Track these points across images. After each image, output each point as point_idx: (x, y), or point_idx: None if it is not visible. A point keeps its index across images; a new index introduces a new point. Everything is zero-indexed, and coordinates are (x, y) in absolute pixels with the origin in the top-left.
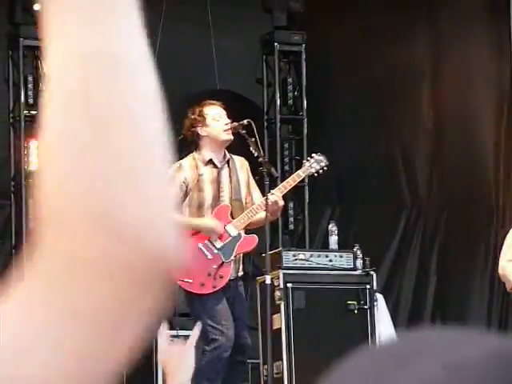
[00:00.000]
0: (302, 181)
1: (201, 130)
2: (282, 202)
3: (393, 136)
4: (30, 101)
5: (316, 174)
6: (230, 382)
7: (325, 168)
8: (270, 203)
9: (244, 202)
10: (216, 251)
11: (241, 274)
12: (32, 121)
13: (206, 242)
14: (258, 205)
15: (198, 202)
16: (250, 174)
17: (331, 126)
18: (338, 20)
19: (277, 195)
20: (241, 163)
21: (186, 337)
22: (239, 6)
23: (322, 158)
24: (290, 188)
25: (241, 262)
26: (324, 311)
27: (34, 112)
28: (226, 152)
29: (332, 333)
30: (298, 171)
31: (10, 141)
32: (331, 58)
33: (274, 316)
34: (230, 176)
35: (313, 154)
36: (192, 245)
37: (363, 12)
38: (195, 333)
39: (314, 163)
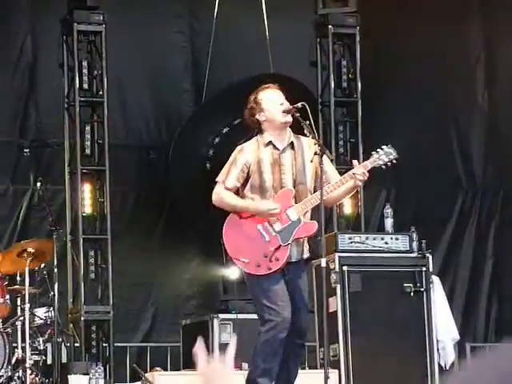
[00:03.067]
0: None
1: (259, 116)
2: (366, 175)
3: (447, 119)
4: (85, 86)
5: (384, 167)
6: (288, 364)
7: (394, 161)
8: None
9: (310, 185)
10: (274, 234)
11: (306, 255)
12: (86, 105)
13: (266, 223)
14: (318, 192)
15: (259, 184)
16: (324, 159)
17: (386, 109)
18: (392, 3)
19: (363, 168)
20: (309, 145)
21: (243, 320)
22: None
23: (391, 150)
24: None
25: (305, 245)
26: (380, 294)
27: (88, 97)
28: (291, 134)
29: (388, 315)
30: (366, 162)
31: (64, 126)
32: (385, 40)
33: (330, 299)
34: (294, 159)
35: (383, 146)
36: (251, 226)
37: None
38: (232, 346)
39: (383, 155)
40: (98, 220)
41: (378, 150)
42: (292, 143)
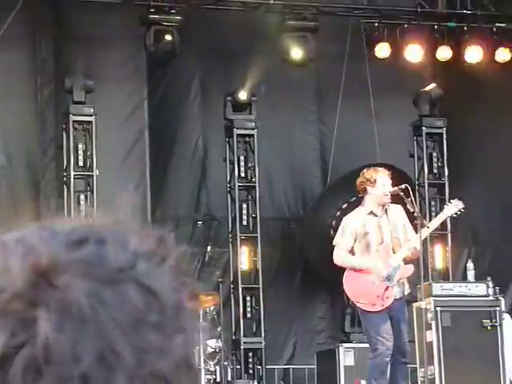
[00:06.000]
0: (446, 229)
1: (369, 189)
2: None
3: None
4: (242, 174)
5: (455, 215)
6: (396, 378)
7: (462, 210)
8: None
9: (401, 239)
10: (382, 279)
11: (407, 292)
12: (243, 189)
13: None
14: (414, 247)
15: (365, 243)
16: (406, 217)
17: (467, 188)
18: (471, 105)
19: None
20: (398, 210)
21: (362, 348)
22: (395, 99)
23: (459, 202)
24: (436, 226)
25: (405, 284)
26: (465, 328)
27: (244, 183)
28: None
29: (472, 344)
30: (441, 213)
31: (227, 204)
32: (466, 135)
33: (427, 332)
34: (388, 221)
35: (451, 200)
36: (363, 275)
37: (490, 98)
38: None
39: (453, 206)
40: (252, 274)
41: (448, 203)
42: (386, 210)
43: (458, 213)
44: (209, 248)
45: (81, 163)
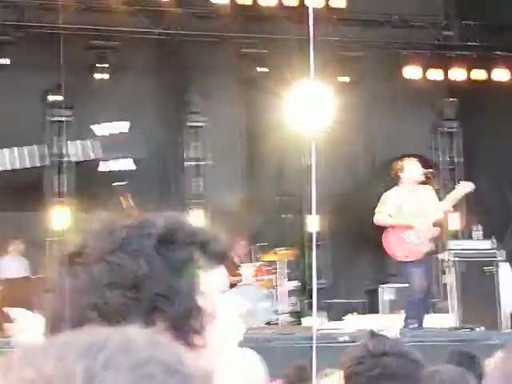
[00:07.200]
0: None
1: (401, 174)
2: (451, 209)
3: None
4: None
5: (468, 192)
6: (424, 311)
7: (472, 190)
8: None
9: (429, 210)
10: (413, 237)
11: (430, 248)
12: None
13: (407, 231)
14: (439, 213)
15: (400, 211)
16: (434, 193)
17: (476, 173)
18: (475, 111)
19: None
20: (426, 189)
21: (398, 288)
22: (420, 107)
23: (469, 183)
24: (455, 199)
25: (428, 243)
26: (473, 272)
27: None
28: (415, 184)
29: (478, 283)
30: (453, 191)
31: (301, 184)
32: (477, 134)
33: (447, 275)
34: (420, 196)
35: (461, 181)
36: (397, 233)
37: (497, 103)
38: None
39: (461, 187)
40: (320, 234)
41: (459, 183)
42: (419, 188)
43: (471, 191)
44: (289, 216)
45: (195, 156)
